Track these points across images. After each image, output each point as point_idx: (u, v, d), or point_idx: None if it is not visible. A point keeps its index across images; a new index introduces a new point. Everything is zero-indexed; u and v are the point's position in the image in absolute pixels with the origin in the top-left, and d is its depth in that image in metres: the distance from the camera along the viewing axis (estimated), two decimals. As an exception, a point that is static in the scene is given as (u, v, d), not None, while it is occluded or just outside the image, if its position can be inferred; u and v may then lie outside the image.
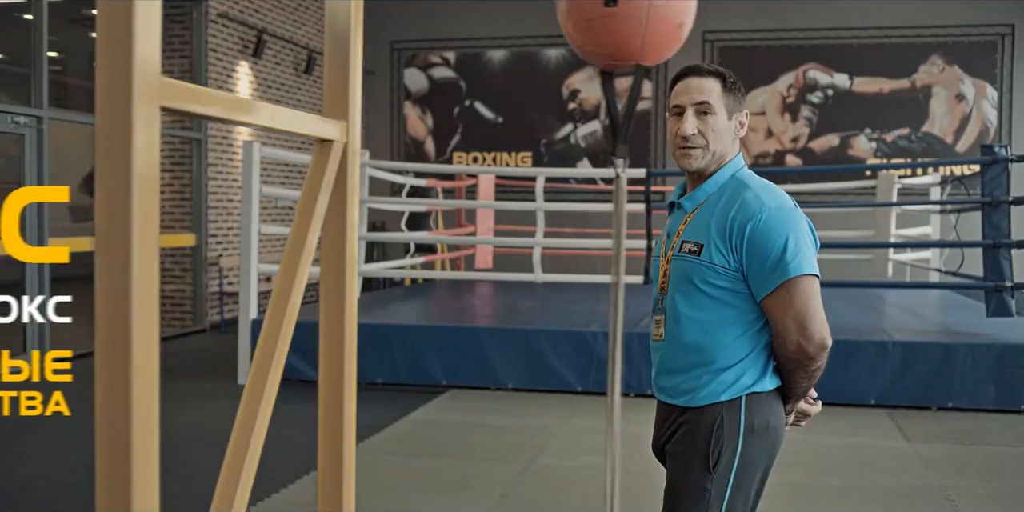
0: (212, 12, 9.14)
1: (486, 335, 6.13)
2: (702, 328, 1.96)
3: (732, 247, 1.92)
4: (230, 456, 1.55)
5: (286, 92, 10.61)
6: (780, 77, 11.51)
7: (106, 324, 1.05)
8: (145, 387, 1.08)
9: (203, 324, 9.16)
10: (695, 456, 1.95)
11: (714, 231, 1.94)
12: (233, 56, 9.53)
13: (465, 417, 5.46)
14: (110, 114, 1.03)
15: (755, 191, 1.96)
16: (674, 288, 1.99)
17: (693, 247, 1.96)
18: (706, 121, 1.97)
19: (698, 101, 1.98)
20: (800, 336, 1.90)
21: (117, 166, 1.09)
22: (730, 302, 1.94)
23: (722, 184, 2.00)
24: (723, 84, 2.00)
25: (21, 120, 7.05)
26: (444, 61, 12.33)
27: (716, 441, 1.93)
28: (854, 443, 4.95)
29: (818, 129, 11.48)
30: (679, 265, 1.99)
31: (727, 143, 2.00)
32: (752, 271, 1.91)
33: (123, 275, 1.11)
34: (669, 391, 2.03)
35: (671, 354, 2.01)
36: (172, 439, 4.95)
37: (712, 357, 1.95)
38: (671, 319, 2.00)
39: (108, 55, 1.01)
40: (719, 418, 1.94)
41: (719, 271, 1.93)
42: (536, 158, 12.02)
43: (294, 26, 10.72)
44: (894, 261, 9.59)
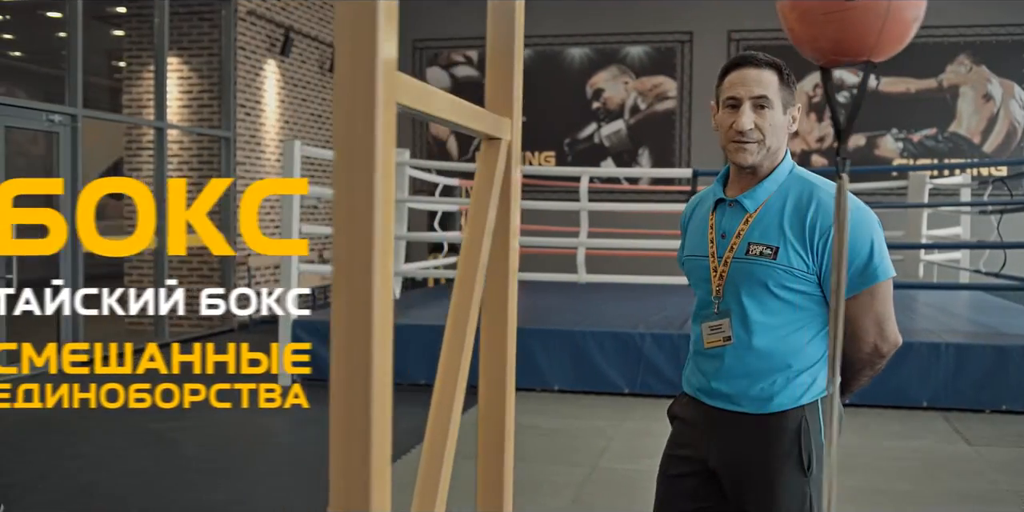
0: (241, 10, 9.08)
1: (531, 336, 6.07)
2: (776, 333, 1.89)
3: (814, 250, 1.85)
4: (425, 466, 1.51)
5: (311, 91, 10.55)
6: (806, 77, 11.44)
7: (343, 320, 1.00)
8: (381, 395, 1.03)
9: (231, 324, 9.10)
10: (787, 461, 1.88)
11: (790, 233, 1.86)
12: (261, 54, 9.47)
13: (516, 419, 5.39)
14: (351, 112, 0.98)
15: (828, 191, 1.88)
16: (739, 292, 1.91)
17: (766, 249, 1.88)
18: (763, 115, 1.89)
19: (757, 95, 1.89)
20: (878, 337, 1.89)
21: (358, 165, 1.03)
22: (804, 305, 1.89)
23: (782, 182, 1.92)
24: (780, 77, 1.92)
25: (56, 118, 6.99)
26: (467, 60, 12.27)
27: (806, 444, 1.88)
28: (915, 446, 4.89)
29: (846, 131, 11.39)
30: (747, 268, 1.90)
31: (782, 138, 1.92)
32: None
33: (364, 276, 1.05)
34: (733, 398, 1.93)
35: (740, 360, 1.92)
36: (231, 442, 4.89)
37: (788, 362, 1.89)
38: (738, 324, 1.92)
39: (349, 54, 0.97)
40: (803, 421, 1.89)
41: (797, 275, 1.86)
42: (560, 157, 11.97)
43: (319, 24, 10.66)
44: (924, 262, 9.54)
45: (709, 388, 1.96)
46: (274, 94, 9.76)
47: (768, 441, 1.90)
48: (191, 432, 5.15)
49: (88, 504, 3.94)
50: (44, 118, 6.95)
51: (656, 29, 11.76)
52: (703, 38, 11.65)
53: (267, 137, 9.63)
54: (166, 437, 5.04)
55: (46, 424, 5.36)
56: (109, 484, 4.20)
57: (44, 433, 5.13)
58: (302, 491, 4.11)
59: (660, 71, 11.81)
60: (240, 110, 9.12)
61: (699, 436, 1.97)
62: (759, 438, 1.91)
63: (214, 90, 9.06)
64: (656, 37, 11.80)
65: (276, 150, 9.83)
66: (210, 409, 5.76)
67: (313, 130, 10.58)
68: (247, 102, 9.25)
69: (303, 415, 5.63)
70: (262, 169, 9.55)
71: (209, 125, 9.03)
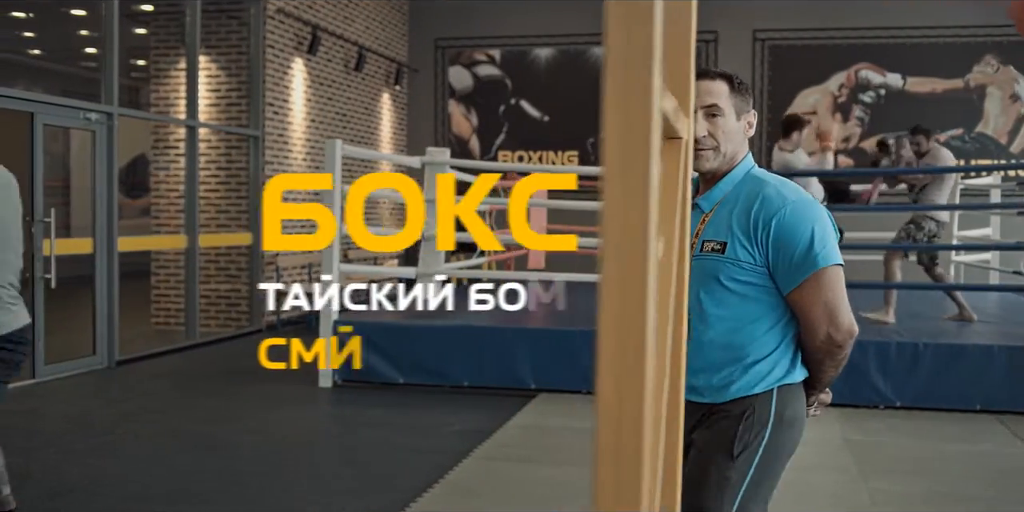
0: (270, 8, 9.02)
1: (578, 338, 6.02)
2: (731, 325, 1.98)
3: (758, 242, 1.94)
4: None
5: (337, 89, 10.48)
6: (831, 77, 11.40)
7: (616, 324, 0.95)
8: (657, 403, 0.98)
9: (259, 324, 9.04)
10: (719, 444, 1.97)
11: (737, 228, 1.96)
12: (288, 53, 9.40)
13: (570, 422, 5.34)
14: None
15: (774, 186, 1.98)
16: (697, 287, 2.00)
17: (716, 245, 1.98)
18: (716, 123, 2.00)
19: (707, 103, 2.00)
20: (830, 326, 1.94)
21: (632, 170, 0.97)
22: (757, 297, 1.97)
23: (737, 182, 2.03)
24: (731, 86, 2.02)
25: (93, 117, 6.93)
26: (489, 59, 12.21)
27: (744, 431, 1.96)
28: (979, 451, 4.83)
29: (870, 129, 11.37)
30: (702, 264, 1.99)
31: (737, 143, 2.03)
32: (780, 265, 1.94)
33: (638, 286, 0.99)
34: (699, 390, 2.03)
35: (700, 353, 2.00)
36: (276, 445, 4.82)
37: (744, 352, 1.98)
38: (696, 318, 2.00)
39: (623, 61, 0.91)
40: (750, 408, 1.97)
41: (745, 267, 1.95)
42: (583, 157, 11.91)
43: (344, 23, 10.59)
44: (955, 262, 9.49)
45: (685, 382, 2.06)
46: (301, 93, 9.70)
47: (712, 424, 2.00)
48: (237, 434, 5.09)
49: (150, 509, 3.88)
50: (81, 116, 6.88)
51: (680, 28, 11.69)
52: (728, 38, 11.59)
53: (295, 136, 9.57)
54: (215, 439, 4.98)
55: (88, 425, 5.30)
56: (163, 488, 4.14)
57: (90, 434, 5.07)
58: (354, 491, 4.05)
59: (684, 70, 11.73)
60: (268, 109, 9.06)
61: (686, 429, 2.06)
62: (709, 422, 2.02)
63: (242, 89, 8.99)
64: (680, 36, 11.72)
65: (304, 149, 9.77)
66: (253, 410, 5.71)
67: (339, 129, 10.52)
68: (275, 100, 9.18)
69: (346, 415, 5.59)
70: (289, 168, 9.49)
71: (237, 124, 8.97)
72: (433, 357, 6.22)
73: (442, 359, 6.21)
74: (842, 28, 11.31)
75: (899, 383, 5.70)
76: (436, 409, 5.70)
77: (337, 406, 5.99)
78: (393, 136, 12.12)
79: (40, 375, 6.51)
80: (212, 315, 9.00)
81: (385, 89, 11.81)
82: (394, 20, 11.99)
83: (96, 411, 5.71)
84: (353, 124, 10.89)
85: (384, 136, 11.82)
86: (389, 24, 11.84)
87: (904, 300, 7.05)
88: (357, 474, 4.36)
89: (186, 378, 6.83)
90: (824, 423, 5.34)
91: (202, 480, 4.24)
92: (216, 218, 8.99)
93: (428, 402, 5.90)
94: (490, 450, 4.74)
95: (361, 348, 6.30)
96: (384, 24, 11.69)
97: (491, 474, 4.37)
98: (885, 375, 5.70)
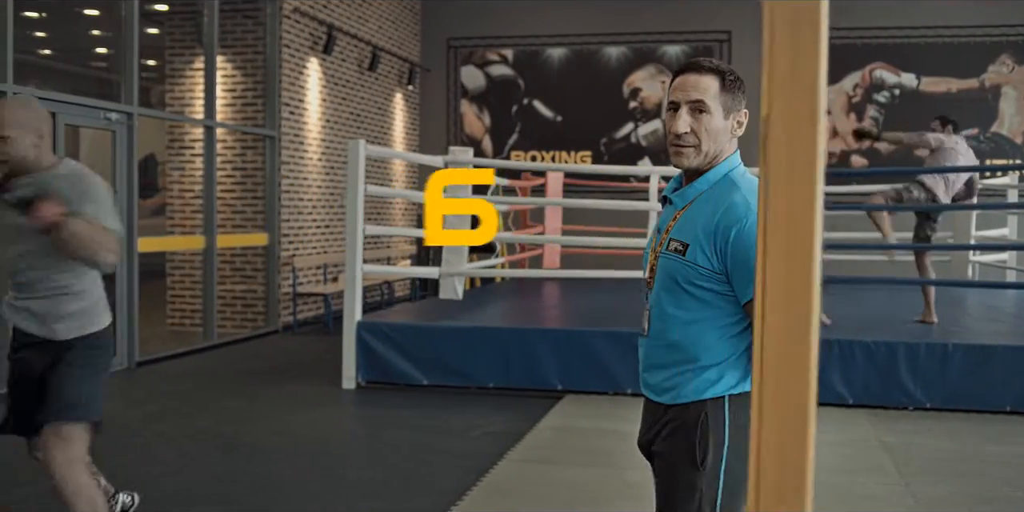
0: (286, 7, 8.98)
1: (604, 338, 5.98)
2: (685, 327, 1.95)
3: (717, 250, 1.90)
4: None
5: (351, 89, 10.44)
6: (846, 76, 11.37)
7: (781, 326, 0.92)
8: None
9: (276, 325, 9.00)
10: (683, 454, 1.94)
11: (700, 232, 1.92)
12: (304, 52, 9.36)
13: (600, 424, 5.30)
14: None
15: (744, 194, 1.92)
16: (660, 285, 1.98)
17: (679, 246, 1.94)
18: (700, 120, 1.93)
19: (693, 99, 1.93)
20: None
21: (799, 171, 0.94)
22: (713, 303, 1.92)
23: (713, 183, 1.97)
24: (722, 82, 1.93)
25: (113, 116, 6.89)
26: (502, 59, 12.17)
27: (702, 437, 1.92)
28: (1015, 452, 4.79)
29: (884, 129, 11.32)
30: (666, 263, 1.97)
31: (721, 142, 1.95)
32: (736, 274, 1.89)
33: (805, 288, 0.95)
34: (654, 388, 2.02)
35: (655, 350, 2.00)
36: (305, 447, 4.78)
37: (694, 355, 1.94)
38: (656, 315, 1.99)
39: (790, 61, 0.87)
40: (703, 415, 1.93)
41: (702, 273, 1.91)
42: (596, 157, 11.87)
43: (358, 22, 10.55)
44: (972, 262, 9.45)
45: (641, 376, 2.07)
46: (316, 92, 9.66)
47: (671, 433, 1.97)
48: (265, 436, 5.05)
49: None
50: (102, 116, 6.85)
51: (694, 28, 11.67)
52: (742, 37, 11.56)
53: (310, 136, 9.53)
54: (243, 440, 4.94)
55: (116, 427, 5.26)
56: (199, 491, 4.10)
57: (119, 436, 5.03)
58: (392, 494, 4.01)
59: (698, 70, 11.71)
60: (284, 109, 9.02)
61: (646, 423, 2.08)
62: (665, 428, 1.98)
63: (258, 88, 8.96)
64: (694, 36, 11.71)
65: (319, 149, 9.73)
66: (277, 411, 5.67)
67: (353, 129, 10.48)
68: (291, 100, 9.14)
69: (372, 416, 5.54)
70: (305, 168, 9.45)
71: (253, 124, 8.93)
72: (457, 358, 6.17)
73: (466, 360, 6.17)
74: (857, 28, 11.27)
75: (929, 384, 5.67)
76: (463, 411, 5.66)
77: (362, 407, 5.95)
78: (406, 136, 12.09)
79: (61, 376, 6.47)
80: (228, 316, 8.96)
81: (398, 89, 11.77)
82: (406, 20, 11.96)
83: (122, 413, 5.66)
84: (367, 124, 10.85)
85: (397, 136, 11.78)
86: (402, 24, 11.81)
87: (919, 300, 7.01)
88: (392, 477, 4.32)
89: (208, 379, 6.78)
90: (856, 425, 5.31)
91: (235, 483, 4.21)
92: (232, 219, 8.95)
93: (454, 403, 5.86)
94: (524, 452, 4.70)
95: (384, 349, 6.26)
96: (397, 24, 11.65)
97: (528, 476, 4.33)
98: (915, 376, 5.67)
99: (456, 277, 6.74)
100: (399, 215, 11.68)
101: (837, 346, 5.68)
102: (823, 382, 5.81)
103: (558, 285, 9.19)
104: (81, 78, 11.26)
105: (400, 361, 6.25)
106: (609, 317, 6.46)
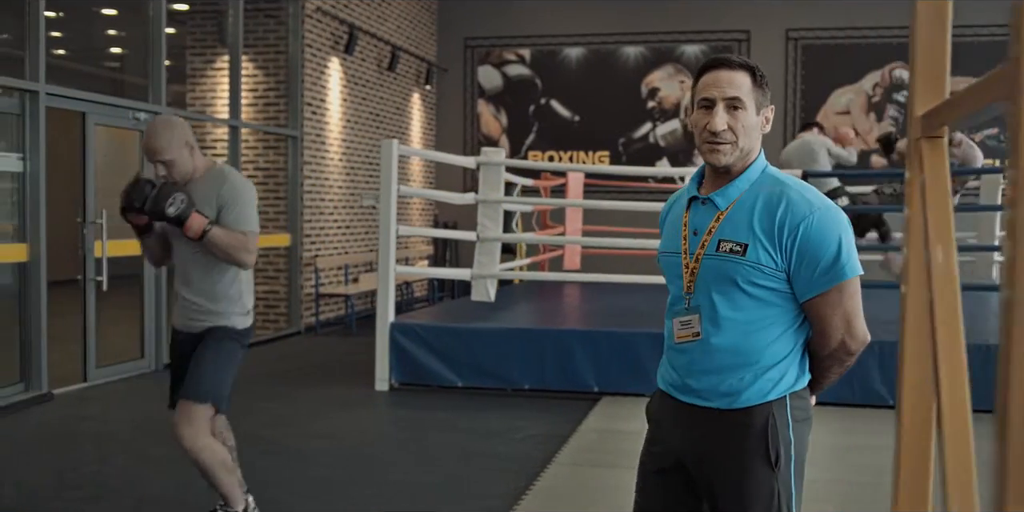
0: (309, 7, 8.93)
1: (641, 340, 5.93)
2: (744, 329, 1.92)
3: (782, 248, 1.88)
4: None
5: (370, 89, 10.40)
6: (865, 76, 11.33)
7: None
8: None
9: (298, 326, 8.95)
10: (754, 457, 1.91)
11: (759, 231, 1.89)
12: (325, 52, 9.32)
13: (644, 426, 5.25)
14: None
15: (798, 190, 1.92)
16: (709, 288, 1.93)
17: (735, 246, 1.91)
18: (736, 116, 1.91)
19: (730, 96, 1.91)
20: (846, 334, 1.93)
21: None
22: (772, 302, 1.91)
23: (754, 181, 1.95)
24: (753, 78, 1.93)
25: (141, 117, 6.84)
26: (519, 58, 12.13)
27: (773, 440, 1.91)
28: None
29: (904, 129, 11.28)
30: (719, 264, 1.92)
31: (755, 139, 1.95)
32: (802, 272, 1.88)
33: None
34: (703, 394, 1.96)
35: (707, 355, 1.95)
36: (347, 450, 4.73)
37: (755, 357, 1.92)
38: (707, 320, 1.94)
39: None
40: (770, 417, 1.92)
41: (765, 271, 1.89)
42: (614, 157, 11.83)
43: (378, 22, 10.51)
44: (998, 263, 9.41)
45: (681, 384, 1.99)
46: (337, 92, 9.62)
47: (736, 437, 1.93)
48: (305, 439, 5.01)
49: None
50: (131, 116, 6.80)
51: (713, 28, 11.63)
52: (761, 37, 11.52)
53: (331, 136, 9.49)
54: (283, 444, 4.90)
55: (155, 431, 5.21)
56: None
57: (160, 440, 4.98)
58: (446, 498, 3.97)
59: (716, 70, 11.67)
60: (307, 109, 8.98)
61: (671, 432, 2.01)
62: (727, 434, 1.94)
63: (280, 88, 8.91)
64: (713, 36, 11.67)
65: (340, 149, 9.69)
66: (314, 414, 5.62)
67: (372, 129, 10.44)
68: (313, 100, 9.10)
69: (411, 418, 5.49)
70: (327, 168, 9.41)
71: (275, 124, 8.89)
72: (492, 360, 6.13)
73: (501, 361, 6.12)
74: (876, 27, 11.23)
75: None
76: (501, 413, 5.61)
77: (399, 409, 5.91)
78: (423, 136, 12.04)
79: (91, 378, 6.43)
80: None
81: (415, 89, 11.73)
82: (423, 19, 11.91)
83: (158, 416, 5.59)
84: (386, 124, 10.80)
85: (414, 136, 11.74)
86: (419, 23, 11.76)
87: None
88: (443, 481, 4.27)
89: (241, 381, 6.66)
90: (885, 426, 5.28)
91: (282, 487, 4.16)
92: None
93: (491, 406, 5.82)
94: (572, 455, 4.65)
95: (417, 350, 6.22)
96: (414, 23, 11.61)
97: (581, 480, 4.29)
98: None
99: (488, 279, 6.69)
100: (416, 215, 11.64)
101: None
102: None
103: (578, 287, 9.15)
104: (102, 79, 11.21)
105: (434, 362, 6.21)
106: (641, 318, 6.42)
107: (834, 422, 5.44)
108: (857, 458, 4.67)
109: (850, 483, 4.24)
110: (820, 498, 3.90)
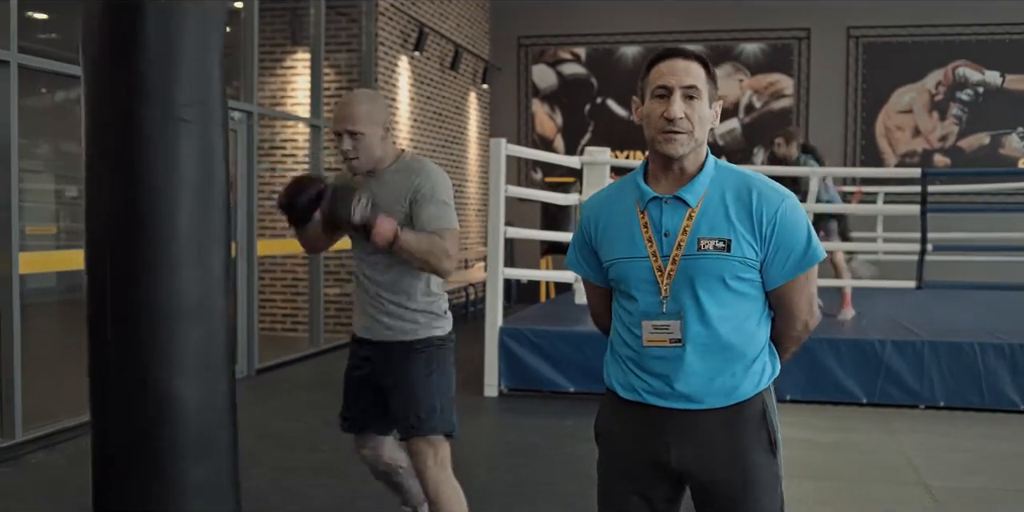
0: (382, 4, 8.78)
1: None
2: (732, 324, 1.91)
3: (762, 238, 1.88)
4: None
5: (434, 88, 10.25)
6: (928, 74, 11.21)
7: None
8: None
9: (372, 329, 8.77)
10: (757, 448, 1.93)
11: (739, 224, 1.88)
12: (396, 50, 9.17)
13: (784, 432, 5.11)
14: None
15: (760, 180, 1.93)
16: (693, 288, 1.89)
17: (718, 243, 1.88)
18: (692, 106, 1.89)
19: (687, 84, 1.88)
20: (809, 315, 1.97)
21: None
22: (749, 293, 1.92)
23: (713, 175, 1.93)
24: (706, 70, 1.92)
25: (235, 116, 6.69)
26: (574, 57, 11.98)
27: (771, 428, 1.94)
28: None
29: (967, 128, 11.18)
30: (701, 264, 1.88)
31: (706, 131, 1.92)
32: (777, 259, 1.90)
33: None
34: (693, 396, 1.91)
35: (703, 357, 1.90)
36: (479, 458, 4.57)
37: (743, 351, 1.92)
38: (694, 320, 1.89)
39: None
40: (764, 406, 1.95)
41: (749, 264, 1.89)
42: (672, 157, 11.67)
43: (440, 19, 10.36)
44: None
45: (666, 390, 1.93)
46: (406, 91, 9.47)
47: (738, 431, 1.93)
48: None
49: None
50: (226, 115, 6.64)
51: (772, 26, 11.50)
52: (821, 35, 11.39)
53: (400, 135, 9.34)
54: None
55: (288, 442, 5.06)
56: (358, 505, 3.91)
57: (297, 452, 4.84)
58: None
59: (776, 68, 11.55)
60: (379, 108, 8.81)
61: (650, 442, 1.95)
62: (728, 430, 1.92)
63: (352, 87, 8.75)
64: (772, 34, 11.53)
65: (409, 148, 9.53)
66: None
67: (436, 128, 10.28)
68: (385, 99, 8.93)
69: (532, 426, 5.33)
70: (396, 169, 9.25)
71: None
72: (606, 364, 5.98)
73: (545, 365, 6.01)
74: (938, 25, 11.11)
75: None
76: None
77: (512, 416, 5.75)
78: (479, 136, 11.89)
79: (190, 384, 6.26)
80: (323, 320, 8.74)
81: (472, 88, 11.58)
82: (478, 18, 11.76)
83: (279, 425, 5.45)
84: (447, 124, 10.65)
85: (471, 136, 11.58)
86: (475, 22, 11.61)
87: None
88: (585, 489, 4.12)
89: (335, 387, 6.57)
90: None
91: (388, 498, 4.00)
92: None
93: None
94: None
95: (527, 355, 6.07)
96: (471, 21, 11.46)
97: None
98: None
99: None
100: (472, 215, 11.48)
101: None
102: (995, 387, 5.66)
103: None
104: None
105: (545, 368, 6.07)
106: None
107: (968, 428, 5.33)
108: (1014, 465, 4.55)
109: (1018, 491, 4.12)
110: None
